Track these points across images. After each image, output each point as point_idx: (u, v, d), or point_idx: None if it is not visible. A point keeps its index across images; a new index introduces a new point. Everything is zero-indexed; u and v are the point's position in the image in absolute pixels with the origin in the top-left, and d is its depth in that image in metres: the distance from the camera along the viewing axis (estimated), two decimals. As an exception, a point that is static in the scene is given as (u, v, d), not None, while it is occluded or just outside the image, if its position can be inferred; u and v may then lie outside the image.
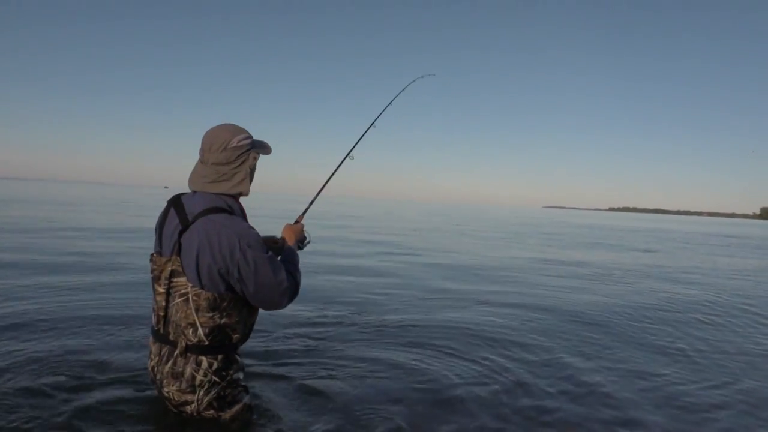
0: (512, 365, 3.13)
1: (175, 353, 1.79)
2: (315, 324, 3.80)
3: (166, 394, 1.84)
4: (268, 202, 42.51)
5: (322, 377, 2.71)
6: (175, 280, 1.75)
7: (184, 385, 1.80)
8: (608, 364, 3.29)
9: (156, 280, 1.83)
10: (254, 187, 2.01)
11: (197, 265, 1.72)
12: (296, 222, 2.30)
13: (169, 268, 1.76)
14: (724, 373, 3.24)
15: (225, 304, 1.77)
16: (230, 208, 1.82)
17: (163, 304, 1.79)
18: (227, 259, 1.70)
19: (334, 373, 2.79)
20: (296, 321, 3.82)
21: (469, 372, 2.97)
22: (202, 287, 1.73)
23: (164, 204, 1.92)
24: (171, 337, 1.80)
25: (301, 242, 2.26)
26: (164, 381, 1.83)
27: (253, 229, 1.80)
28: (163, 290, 1.79)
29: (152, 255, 1.88)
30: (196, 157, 1.90)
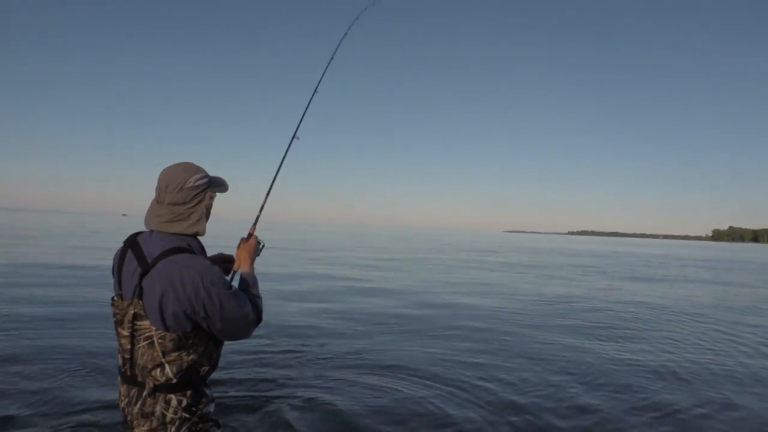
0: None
1: (144, 394, 1.77)
2: (286, 353, 3.72)
3: (137, 435, 1.81)
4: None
5: (295, 407, 2.66)
6: (138, 323, 1.75)
7: (154, 424, 1.78)
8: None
9: (119, 323, 1.81)
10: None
11: (161, 309, 1.71)
12: (249, 235, 2.20)
13: (132, 312, 1.75)
14: None
15: (191, 341, 1.77)
16: (189, 246, 1.82)
17: (128, 347, 1.79)
18: (192, 300, 1.70)
19: (307, 402, 2.74)
20: (269, 350, 3.72)
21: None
22: (166, 329, 1.73)
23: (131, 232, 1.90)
24: (138, 379, 1.79)
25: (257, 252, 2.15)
26: (135, 422, 1.81)
27: (216, 266, 1.80)
28: (127, 333, 1.78)
29: (113, 298, 1.86)
30: (153, 183, 1.88)
